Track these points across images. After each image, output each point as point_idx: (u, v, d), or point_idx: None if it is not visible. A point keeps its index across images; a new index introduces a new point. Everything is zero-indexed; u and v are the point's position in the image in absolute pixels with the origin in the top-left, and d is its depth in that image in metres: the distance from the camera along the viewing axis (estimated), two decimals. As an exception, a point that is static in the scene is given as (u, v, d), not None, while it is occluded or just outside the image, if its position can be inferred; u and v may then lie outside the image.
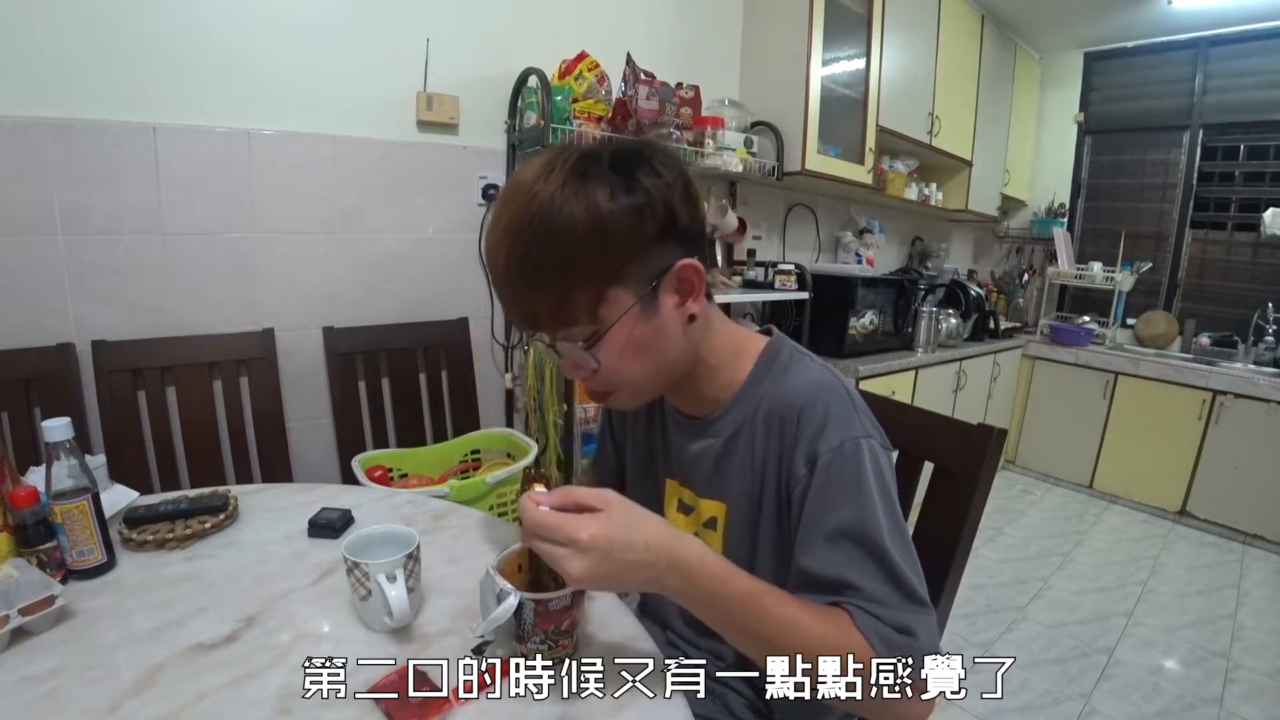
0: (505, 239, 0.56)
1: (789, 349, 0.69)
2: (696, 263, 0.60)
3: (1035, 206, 3.70)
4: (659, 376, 0.64)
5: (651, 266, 0.58)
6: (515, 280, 0.57)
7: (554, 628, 0.59)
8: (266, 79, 1.41)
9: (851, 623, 0.54)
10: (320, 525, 0.86)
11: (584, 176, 0.55)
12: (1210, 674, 1.78)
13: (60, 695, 0.55)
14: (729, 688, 0.75)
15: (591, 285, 0.56)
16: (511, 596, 0.56)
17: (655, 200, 0.56)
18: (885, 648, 0.53)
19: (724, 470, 0.68)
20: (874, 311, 2.44)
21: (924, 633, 0.54)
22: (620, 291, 0.57)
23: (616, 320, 0.57)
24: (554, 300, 0.56)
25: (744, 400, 0.67)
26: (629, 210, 0.55)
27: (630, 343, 0.59)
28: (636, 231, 0.55)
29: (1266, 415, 2.55)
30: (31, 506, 0.70)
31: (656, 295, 0.59)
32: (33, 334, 1.24)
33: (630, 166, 0.56)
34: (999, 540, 2.60)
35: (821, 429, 0.60)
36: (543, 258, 0.54)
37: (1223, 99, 3.05)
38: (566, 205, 0.53)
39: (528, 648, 0.60)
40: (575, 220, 0.53)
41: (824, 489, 0.59)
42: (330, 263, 1.56)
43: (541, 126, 1.56)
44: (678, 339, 0.62)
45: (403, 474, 1.51)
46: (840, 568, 0.56)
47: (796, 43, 2.10)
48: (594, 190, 0.54)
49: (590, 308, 0.57)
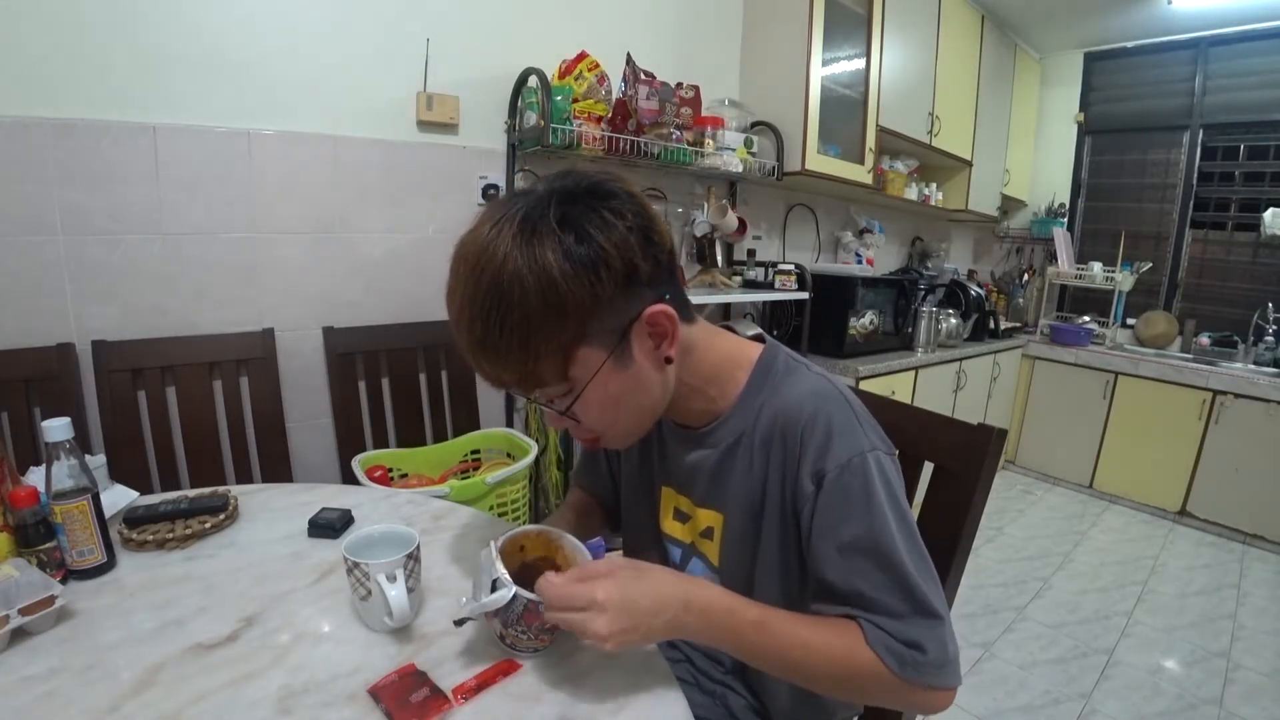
0: (463, 315, 0.55)
1: (784, 356, 0.68)
2: (665, 307, 0.58)
3: (1035, 206, 3.70)
4: (644, 418, 0.65)
5: (618, 319, 0.56)
6: (478, 354, 0.56)
7: (539, 625, 0.59)
8: (267, 79, 1.41)
9: (862, 637, 0.55)
10: (320, 525, 0.86)
11: (533, 236, 0.52)
12: (1210, 674, 1.78)
13: (60, 695, 0.55)
14: (729, 688, 0.75)
15: (557, 352, 0.55)
16: (506, 590, 0.57)
17: (611, 255, 0.53)
18: (896, 662, 0.54)
19: (721, 481, 0.68)
20: (874, 311, 2.44)
21: (933, 646, 0.55)
22: (589, 351, 0.56)
23: (590, 379, 0.57)
24: (520, 370, 0.55)
25: (741, 411, 0.66)
26: (584, 272, 0.52)
27: (608, 397, 0.58)
28: (594, 291, 0.53)
29: (1266, 415, 2.55)
30: (31, 506, 0.70)
31: (628, 344, 0.58)
32: (33, 334, 1.24)
33: (580, 219, 0.53)
34: (999, 540, 2.60)
35: (826, 445, 0.59)
36: (502, 331, 0.53)
37: (1223, 99, 3.05)
38: (518, 276, 0.51)
39: (509, 633, 0.60)
40: (528, 289, 0.51)
41: (833, 505, 0.59)
42: (330, 263, 1.56)
43: (541, 126, 1.56)
44: (656, 382, 0.61)
45: (403, 474, 1.52)
46: (854, 581, 0.57)
47: (796, 43, 2.10)
48: (544, 253, 0.51)
49: (559, 371, 0.56)
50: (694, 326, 0.65)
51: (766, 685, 0.73)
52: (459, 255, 0.56)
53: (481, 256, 0.53)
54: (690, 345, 0.64)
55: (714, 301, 2.11)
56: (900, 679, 0.54)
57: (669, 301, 0.59)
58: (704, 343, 0.66)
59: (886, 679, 0.54)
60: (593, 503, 0.88)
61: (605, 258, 0.53)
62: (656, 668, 0.63)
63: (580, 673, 0.61)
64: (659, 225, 0.58)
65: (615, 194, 0.56)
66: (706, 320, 0.68)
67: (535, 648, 0.62)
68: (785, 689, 0.71)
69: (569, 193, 0.55)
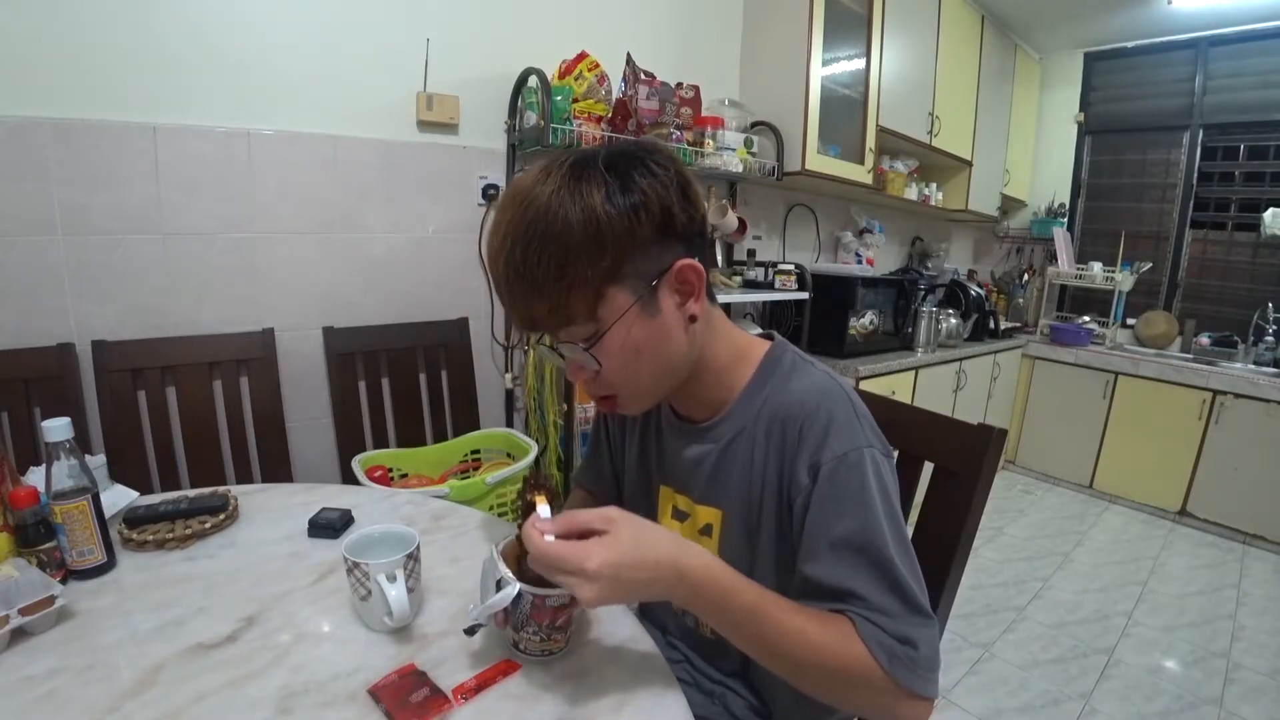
0: (504, 243, 0.57)
1: (791, 355, 0.69)
2: (696, 263, 0.60)
3: (1035, 206, 3.70)
4: (662, 379, 0.64)
5: (650, 266, 0.58)
6: (514, 283, 0.57)
7: (549, 622, 0.59)
8: (266, 79, 1.41)
9: (854, 631, 0.54)
10: (320, 525, 0.86)
11: (580, 179, 0.55)
12: (1210, 674, 1.78)
13: (60, 695, 0.55)
14: (728, 689, 0.75)
15: (589, 285, 0.56)
16: (510, 586, 0.56)
17: (651, 199, 0.56)
18: (886, 657, 0.53)
19: (722, 477, 0.68)
20: (874, 311, 2.44)
21: (925, 644, 0.55)
22: (619, 291, 0.57)
23: (616, 320, 0.58)
24: (553, 301, 0.56)
25: (745, 405, 0.67)
26: (625, 210, 0.55)
27: (630, 342, 0.59)
28: (633, 231, 0.56)
29: (1266, 415, 2.55)
30: (31, 506, 0.70)
31: (656, 295, 0.59)
32: (33, 334, 1.24)
33: (626, 167, 0.57)
34: (999, 540, 2.60)
35: (824, 437, 0.60)
36: (540, 259, 0.55)
37: (1223, 99, 3.05)
38: (562, 208, 0.54)
39: (521, 636, 0.60)
40: (571, 222, 0.54)
41: (827, 498, 0.59)
42: (330, 263, 1.56)
43: (541, 126, 1.56)
44: (679, 340, 0.62)
45: (403, 474, 1.52)
46: (844, 577, 0.56)
47: (796, 43, 2.10)
48: (589, 192, 0.55)
49: (589, 307, 0.57)
50: (713, 308, 0.67)
51: (767, 685, 0.73)
52: (507, 196, 0.59)
53: (529, 194, 0.56)
54: (709, 324, 0.66)
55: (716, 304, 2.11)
56: (888, 676, 0.53)
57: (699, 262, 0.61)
58: (721, 327, 0.68)
59: (874, 676, 0.53)
60: (594, 503, 0.88)
61: (645, 200, 0.56)
62: (656, 667, 0.63)
63: (580, 672, 0.61)
64: (695, 188, 0.61)
65: (659, 149, 0.61)
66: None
67: (549, 650, 0.62)
68: (786, 688, 0.71)
69: (618, 147, 0.60)
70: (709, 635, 0.74)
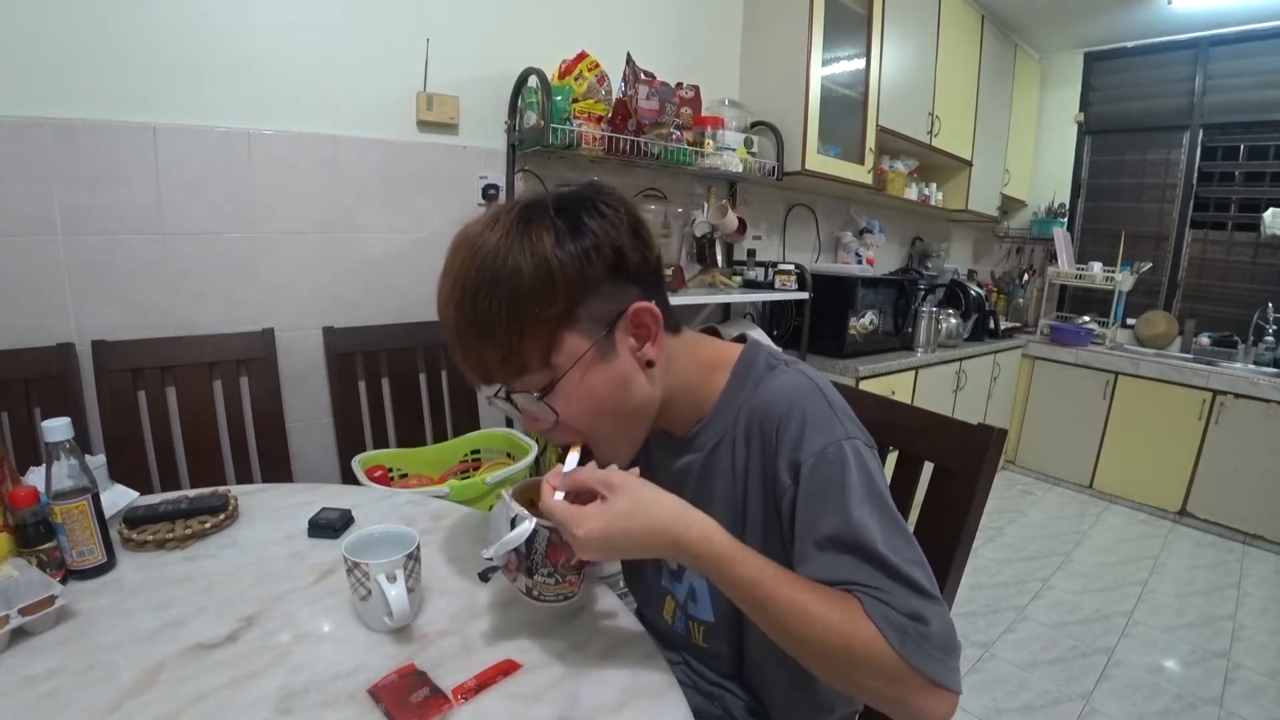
0: (454, 291, 0.56)
1: (764, 356, 0.68)
2: (652, 306, 0.59)
3: (1035, 206, 3.70)
4: (628, 425, 0.64)
5: (604, 309, 0.58)
6: (465, 331, 0.57)
7: (564, 560, 0.59)
8: (266, 79, 1.41)
9: (860, 608, 0.51)
10: (320, 525, 0.86)
11: (529, 224, 0.55)
12: (1210, 674, 1.78)
13: (60, 695, 0.55)
14: (727, 690, 0.75)
15: (543, 330, 0.56)
16: (527, 522, 0.57)
17: (601, 240, 0.56)
18: (896, 634, 0.49)
19: (707, 484, 0.67)
20: (874, 311, 2.44)
21: (936, 620, 0.51)
22: (573, 336, 0.57)
23: (572, 365, 0.57)
24: (505, 348, 0.56)
25: (723, 412, 0.66)
26: (575, 253, 0.55)
27: (587, 388, 0.58)
28: (585, 273, 0.56)
29: (1266, 415, 2.55)
30: (31, 506, 0.70)
31: (612, 338, 0.59)
32: (33, 334, 1.24)
33: (575, 210, 0.57)
34: (999, 540, 2.60)
35: (800, 436, 0.59)
36: (491, 305, 0.54)
37: (1223, 99, 3.05)
38: (511, 253, 0.54)
39: (535, 580, 0.60)
40: (521, 267, 0.54)
41: (811, 496, 0.57)
42: (330, 263, 1.56)
43: (541, 126, 1.56)
44: (639, 383, 0.61)
45: (403, 474, 1.51)
46: (838, 572, 0.54)
47: (796, 43, 2.10)
48: (539, 236, 0.55)
49: (543, 354, 0.57)
50: (678, 339, 0.66)
51: (764, 686, 0.73)
52: (455, 243, 0.59)
53: (478, 240, 0.56)
54: (673, 356, 0.65)
55: (714, 301, 2.11)
56: (899, 657, 0.49)
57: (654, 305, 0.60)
58: (686, 351, 0.67)
59: (885, 657, 0.49)
60: None
61: (596, 242, 0.56)
62: (657, 667, 0.63)
63: (580, 673, 0.61)
64: (647, 230, 0.61)
65: (608, 193, 0.60)
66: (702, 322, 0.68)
67: (564, 594, 0.61)
68: (784, 687, 0.71)
69: (567, 192, 0.60)
70: (702, 644, 0.74)
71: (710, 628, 0.72)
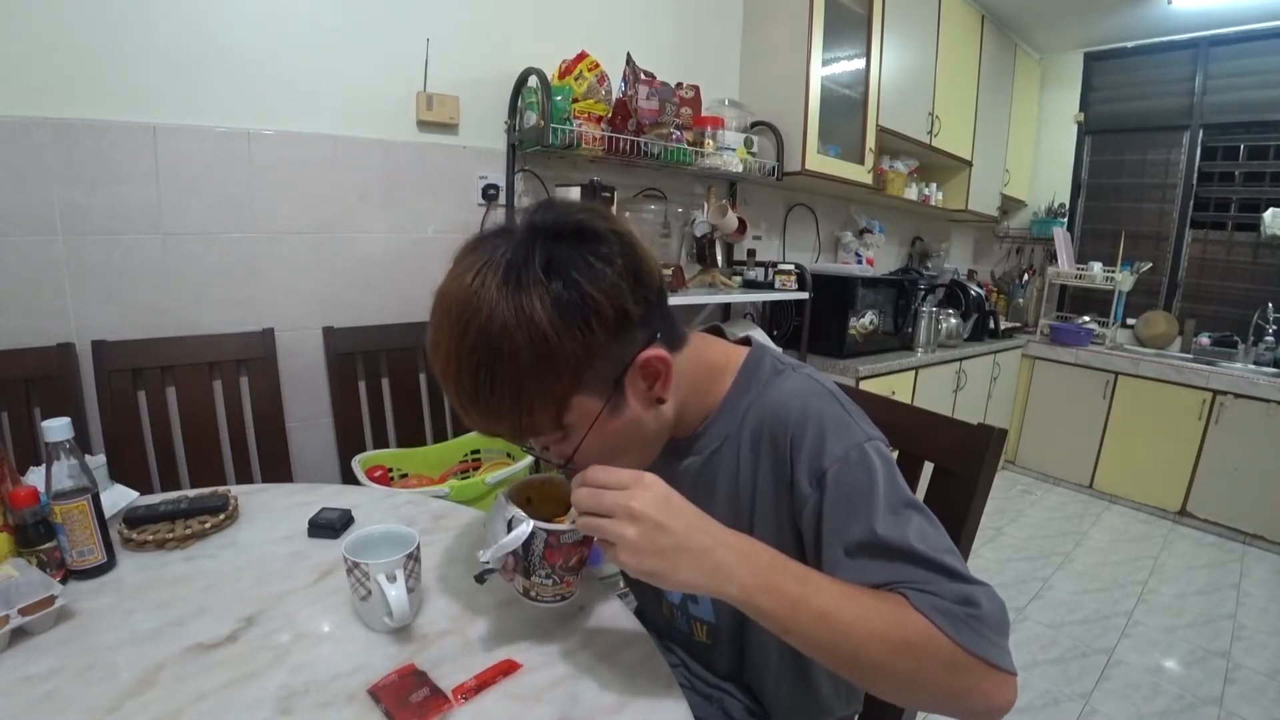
0: (449, 367, 0.53)
1: (770, 359, 0.67)
2: (659, 352, 0.57)
3: (1035, 206, 3.70)
4: (644, 451, 0.64)
5: (612, 366, 0.55)
6: (469, 408, 0.55)
7: (562, 562, 0.59)
8: (266, 79, 1.41)
9: (907, 603, 0.49)
10: (320, 525, 0.86)
11: (518, 288, 0.50)
12: (1210, 674, 1.78)
13: (60, 695, 0.55)
14: (726, 692, 0.75)
15: (551, 402, 0.53)
16: (524, 524, 0.56)
17: (602, 305, 0.51)
18: (949, 622, 0.47)
19: (706, 486, 0.66)
20: (874, 311, 2.44)
21: (986, 599, 0.49)
22: (583, 398, 0.55)
23: (588, 428, 0.56)
24: (513, 421, 0.54)
25: (727, 415, 0.65)
26: (575, 323, 0.51)
27: (603, 439, 0.57)
28: (588, 345, 0.52)
29: (1266, 415, 2.55)
30: (31, 506, 0.70)
31: (622, 390, 0.57)
32: (33, 334, 1.24)
33: (566, 267, 0.51)
34: (999, 540, 2.60)
35: (821, 443, 0.57)
36: (494, 387, 0.51)
37: (1223, 99, 3.05)
38: (506, 329, 0.49)
39: (532, 581, 0.59)
40: (519, 344, 0.50)
41: (838, 503, 0.56)
42: (330, 263, 1.56)
43: (541, 126, 1.56)
44: (649, 419, 0.60)
45: (403, 474, 1.51)
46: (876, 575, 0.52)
47: (796, 43, 2.10)
48: (531, 306, 0.49)
49: (553, 420, 0.55)
50: (682, 352, 0.63)
51: (763, 687, 0.73)
52: (441, 306, 0.53)
53: (466, 309, 0.51)
54: (680, 371, 0.62)
55: (714, 301, 2.11)
56: (957, 645, 0.47)
57: (660, 339, 0.58)
58: (692, 358, 0.65)
59: (942, 648, 0.47)
60: None
61: (596, 307, 0.51)
62: (656, 668, 0.63)
63: (580, 673, 0.61)
64: (647, 263, 0.56)
65: (602, 236, 0.54)
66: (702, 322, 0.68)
67: (562, 595, 0.61)
68: (783, 689, 0.71)
69: (553, 232, 0.53)
70: (704, 641, 0.74)
71: (712, 627, 0.72)
